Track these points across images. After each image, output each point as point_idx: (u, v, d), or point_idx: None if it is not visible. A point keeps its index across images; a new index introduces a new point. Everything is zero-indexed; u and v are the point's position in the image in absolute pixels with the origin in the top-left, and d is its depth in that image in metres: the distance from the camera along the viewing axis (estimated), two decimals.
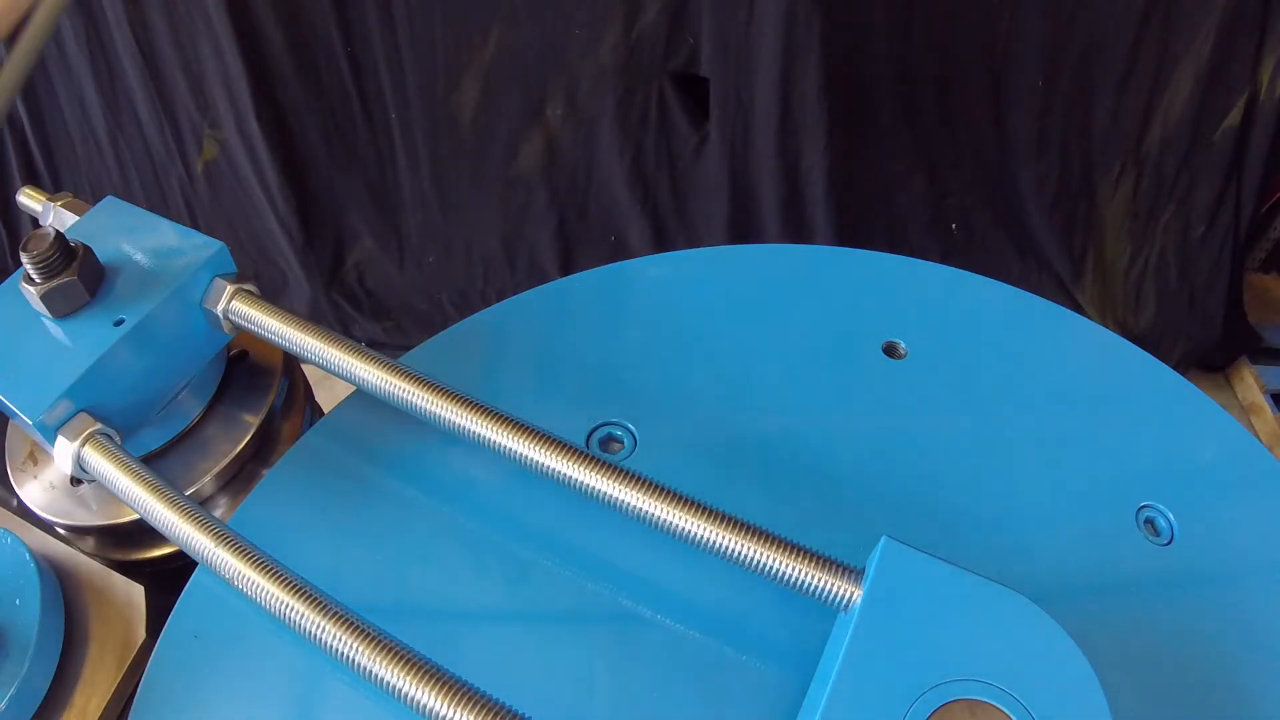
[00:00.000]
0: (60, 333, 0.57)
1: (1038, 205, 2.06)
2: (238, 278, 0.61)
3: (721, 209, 2.06)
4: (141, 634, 0.51)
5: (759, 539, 0.44)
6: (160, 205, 2.18)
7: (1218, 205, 1.99)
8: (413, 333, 2.25)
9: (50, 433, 0.53)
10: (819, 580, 0.42)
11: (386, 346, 2.31)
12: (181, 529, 0.48)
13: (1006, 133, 1.96)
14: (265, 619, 0.50)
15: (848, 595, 0.42)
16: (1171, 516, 0.54)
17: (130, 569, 0.62)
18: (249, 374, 0.71)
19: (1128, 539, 0.53)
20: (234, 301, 0.60)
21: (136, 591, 0.53)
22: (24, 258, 0.55)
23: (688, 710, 0.46)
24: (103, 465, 0.52)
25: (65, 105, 2.02)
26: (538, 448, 0.49)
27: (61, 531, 0.63)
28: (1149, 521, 0.54)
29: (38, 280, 0.56)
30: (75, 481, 0.64)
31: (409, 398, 0.53)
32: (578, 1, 1.75)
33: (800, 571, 0.43)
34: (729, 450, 0.57)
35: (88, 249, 0.58)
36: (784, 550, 0.43)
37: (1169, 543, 0.53)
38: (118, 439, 0.54)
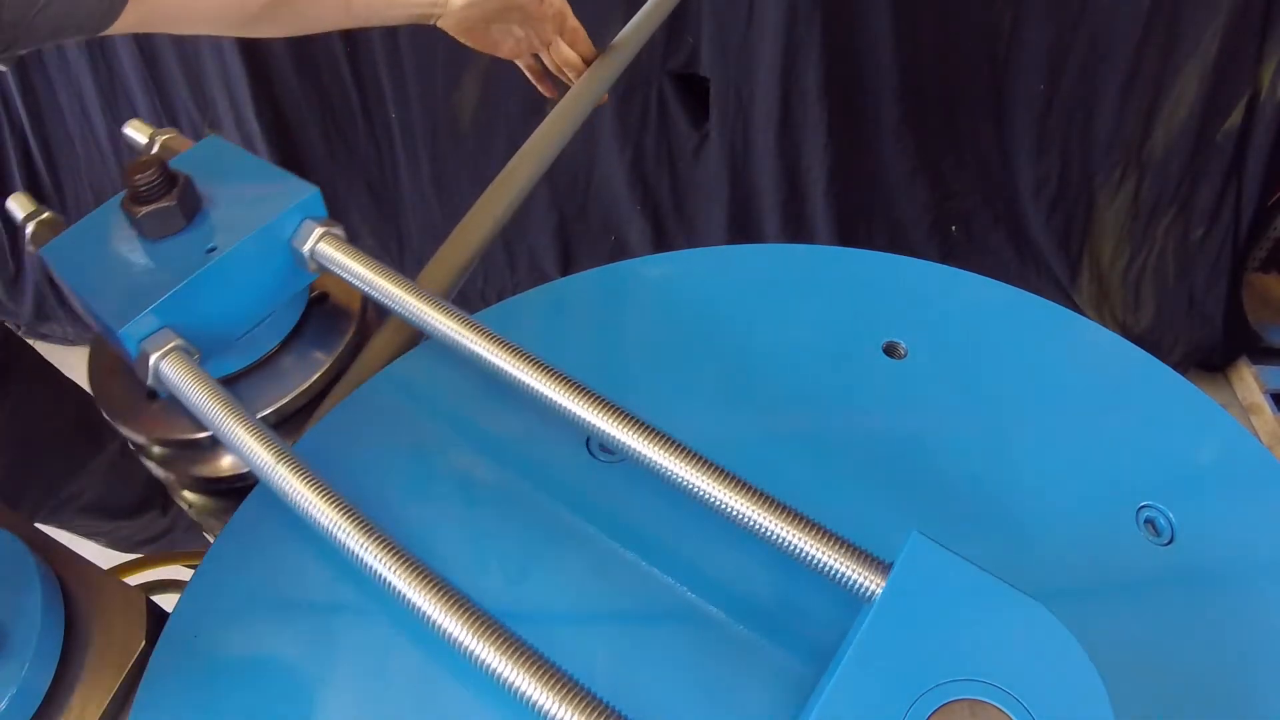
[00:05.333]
0: (154, 254, 0.61)
1: (1038, 207, 2.06)
2: (327, 222, 0.65)
3: (721, 209, 2.05)
4: (141, 639, 0.51)
5: (797, 520, 0.45)
6: None
7: (1218, 205, 1.99)
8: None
9: (133, 344, 0.57)
10: (847, 568, 0.43)
11: None
12: (246, 443, 0.51)
13: (1008, 134, 1.96)
14: (266, 618, 0.50)
15: (873, 587, 0.42)
16: (1171, 516, 0.54)
17: (201, 486, 0.70)
18: (328, 315, 0.74)
19: (1128, 539, 0.53)
20: (320, 243, 0.63)
21: (137, 597, 0.53)
22: (129, 180, 0.59)
23: (707, 692, 0.46)
24: (179, 379, 0.56)
25: (65, 105, 2.02)
26: (605, 417, 0.50)
27: (143, 443, 0.68)
28: (1149, 521, 0.54)
29: (138, 203, 0.60)
30: (151, 396, 0.68)
31: (482, 353, 0.55)
32: (578, 1, 1.75)
33: (831, 557, 0.43)
34: (729, 450, 0.57)
35: (188, 178, 0.62)
36: (819, 535, 0.44)
37: (1169, 543, 0.53)
38: (195, 357, 0.58)
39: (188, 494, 0.75)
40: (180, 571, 1.11)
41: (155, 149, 0.72)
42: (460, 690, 0.47)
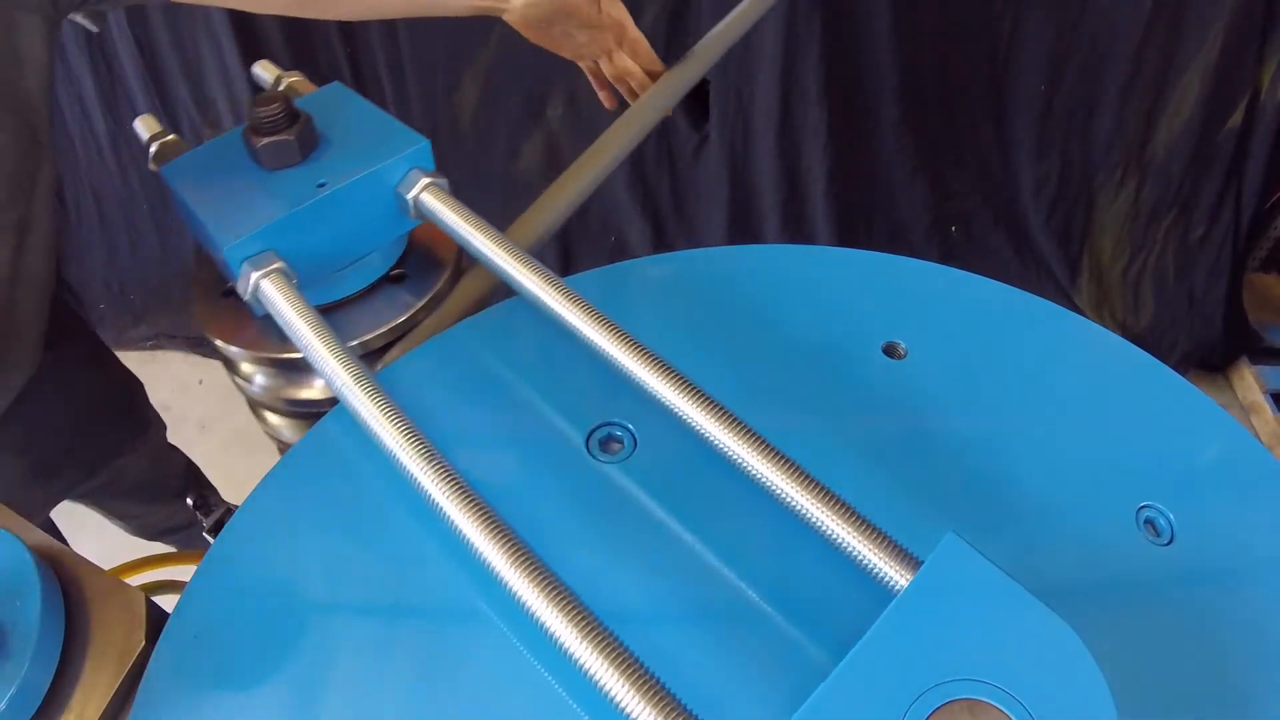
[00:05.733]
0: (267, 183, 0.65)
1: (1038, 207, 2.07)
2: (432, 174, 0.68)
3: (721, 209, 2.05)
4: (141, 639, 0.51)
5: (842, 508, 0.45)
6: (160, 205, 2.18)
7: (1218, 205, 1.99)
8: None
9: (237, 262, 0.61)
10: (878, 559, 0.43)
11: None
12: (330, 365, 0.54)
13: (1008, 134, 1.96)
14: (266, 618, 0.50)
15: (900, 581, 0.42)
16: (1171, 516, 0.54)
17: (283, 407, 0.75)
18: (423, 263, 0.78)
19: (1128, 539, 0.53)
20: (424, 192, 0.67)
21: (137, 597, 0.53)
22: (254, 111, 0.64)
23: (707, 691, 0.46)
24: (276, 299, 0.60)
25: (65, 105, 2.02)
26: (669, 386, 0.52)
27: (234, 357, 0.73)
28: (1149, 521, 0.54)
29: (259, 134, 0.65)
30: (228, 294, 0.75)
31: (565, 315, 0.57)
32: None
33: (866, 548, 0.44)
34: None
35: (309, 117, 0.67)
36: (856, 522, 0.45)
37: (1169, 543, 0.53)
38: (293, 282, 0.61)
39: (270, 415, 0.80)
40: (180, 571, 1.11)
41: (281, 89, 0.76)
42: (461, 691, 0.47)
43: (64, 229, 2.23)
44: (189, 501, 1.08)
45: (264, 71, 0.81)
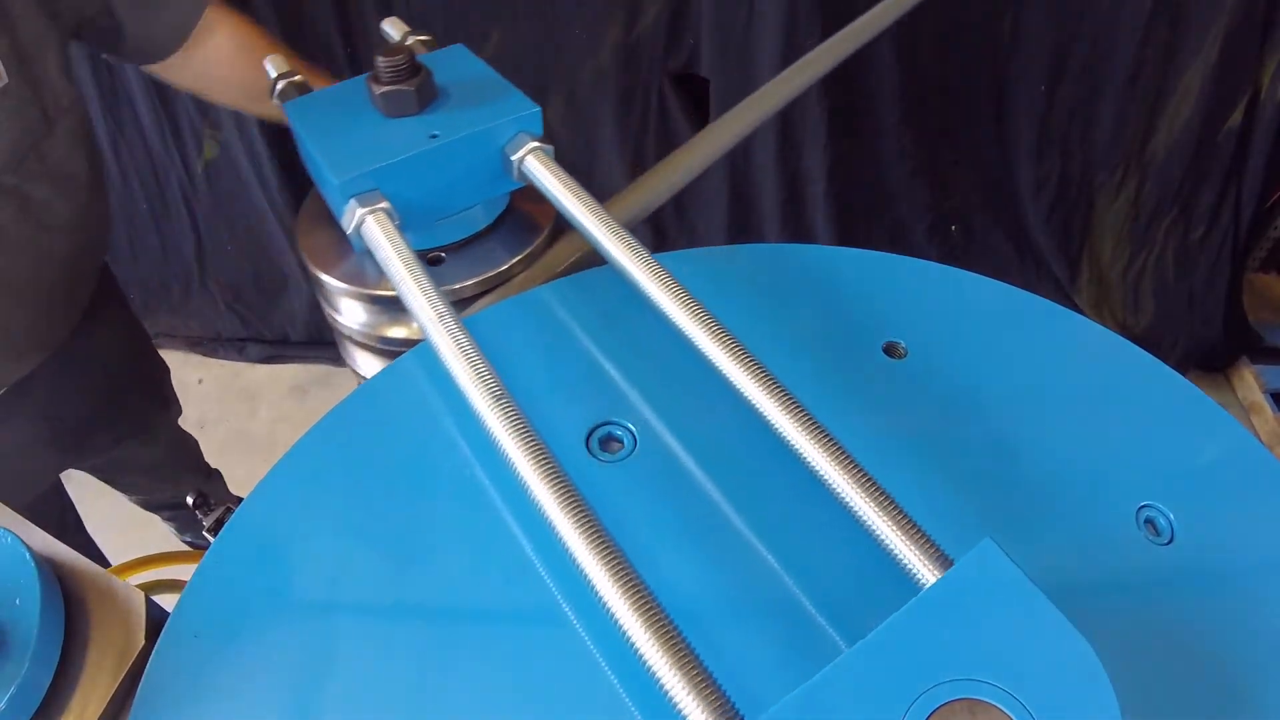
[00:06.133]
0: (383, 129, 0.69)
1: (1038, 207, 2.07)
2: (540, 140, 0.71)
3: (721, 209, 2.06)
4: (141, 639, 0.51)
5: (883, 498, 0.46)
6: (160, 205, 2.18)
7: (1218, 205, 1.99)
8: None
9: (345, 197, 0.65)
10: (910, 553, 0.43)
11: None
12: (420, 304, 0.57)
13: (1008, 135, 1.97)
14: (266, 617, 0.50)
15: (929, 578, 0.42)
16: (1171, 516, 0.54)
17: (371, 343, 0.78)
18: (521, 225, 0.81)
19: (1128, 539, 0.53)
20: (529, 156, 0.70)
21: (137, 597, 0.53)
22: (379, 60, 0.68)
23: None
24: (377, 236, 0.63)
25: None
26: (741, 371, 0.52)
27: (331, 287, 0.77)
28: (1149, 521, 0.54)
29: (382, 82, 0.68)
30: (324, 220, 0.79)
31: (650, 290, 0.58)
32: (578, 1, 1.75)
33: (902, 542, 0.44)
34: (729, 450, 0.57)
35: (429, 72, 0.71)
36: (894, 515, 0.45)
37: (1169, 543, 0.53)
38: (395, 223, 0.64)
39: (359, 354, 0.83)
40: (180, 571, 1.11)
41: (408, 44, 0.79)
42: (460, 693, 0.47)
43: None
44: (189, 500, 1.08)
45: (392, 29, 0.85)
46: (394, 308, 0.77)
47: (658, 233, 2.10)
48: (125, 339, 1.25)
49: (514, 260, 0.77)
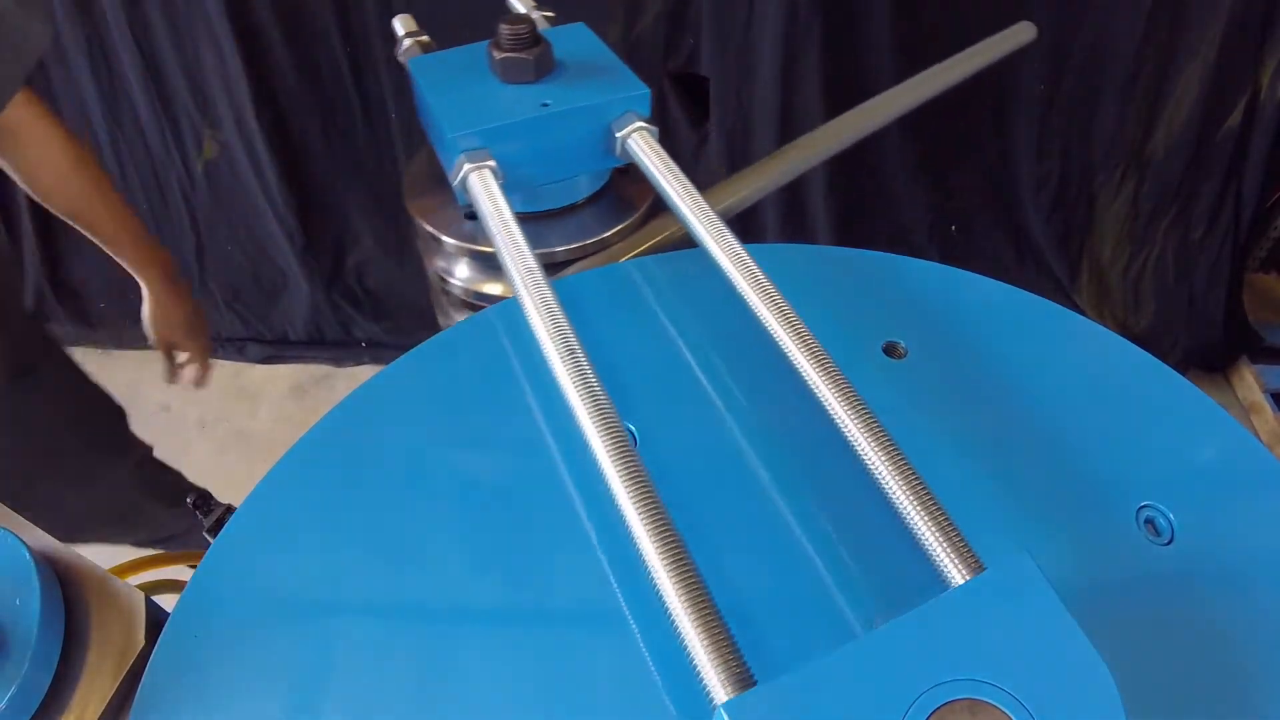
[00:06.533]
0: (499, 93, 0.73)
1: (1038, 207, 2.07)
2: (646, 120, 0.73)
3: None
4: (141, 640, 0.51)
5: (924, 494, 0.46)
6: (160, 205, 2.18)
7: (1218, 206, 1.99)
8: (413, 333, 2.25)
9: (455, 151, 0.68)
10: (943, 552, 0.44)
11: (387, 347, 2.31)
12: (512, 260, 0.60)
13: (1008, 135, 1.97)
14: (266, 618, 0.50)
15: (956, 578, 0.42)
16: (1171, 516, 0.54)
17: (461, 297, 0.83)
18: (620, 201, 0.84)
19: (1128, 539, 0.53)
20: (633, 135, 0.72)
21: (137, 596, 0.53)
22: (502, 27, 0.72)
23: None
24: (480, 192, 0.66)
25: (65, 105, 2.02)
26: (820, 371, 0.53)
27: (431, 236, 0.81)
28: (1149, 521, 0.54)
29: (503, 49, 0.72)
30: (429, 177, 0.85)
31: (736, 279, 0.60)
32: (577, 2, 1.75)
33: (938, 540, 0.44)
34: (729, 450, 0.57)
35: (549, 44, 0.74)
36: (937, 515, 0.45)
37: (1169, 543, 0.53)
38: (500, 182, 0.68)
39: (456, 314, 0.87)
40: (180, 571, 1.11)
41: (534, 17, 0.83)
42: (460, 694, 0.47)
43: (64, 229, 2.23)
44: (189, 501, 1.08)
45: (517, 2, 0.89)
46: (487, 264, 0.82)
47: None
48: (63, 398, 1.23)
49: (608, 233, 0.81)
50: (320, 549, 0.54)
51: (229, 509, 1.06)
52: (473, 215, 0.74)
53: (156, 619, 0.52)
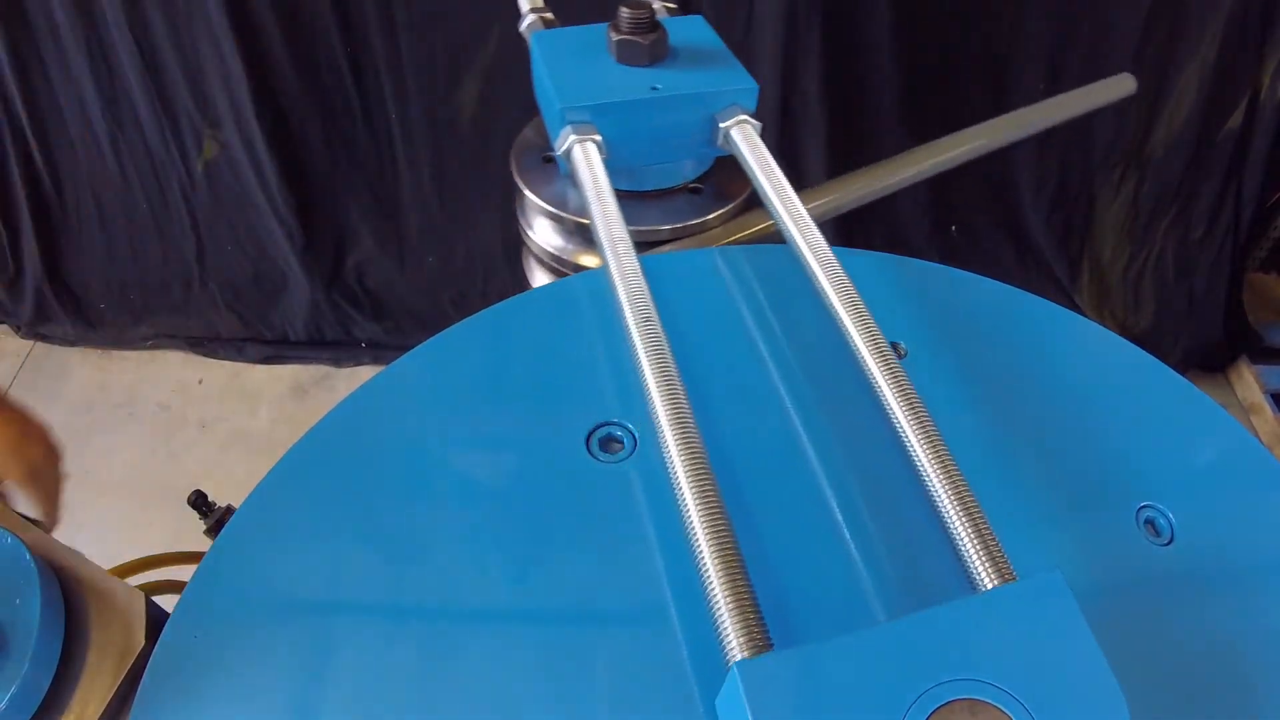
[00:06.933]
0: (613, 73, 0.76)
1: (1038, 207, 2.07)
2: (750, 115, 0.76)
3: None
4: (141, 639, 0.51)
5: (971, 502, 0.47)
6: (160, 205, 2.18)
7: (1218, 206, 1.99)
8: (413, 333, 2.25)
9: (563, 122, 0.71)
10: (978, 557, 0.44)
11: (387, 347, 2.31)
12: (604, 231, 0.62)
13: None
14: (266, 618, 0.50)
15: (987, 583, 0.43)
16: (1171, 516, 0.54)
17: (552, 265, 0.87)
18: (717, 191, 0.86)
19: (1128, 539, 0.53)
20: (735, 127, 0.75)
21: (137, 597, 0.53)
22: (622, 10, 0.75)
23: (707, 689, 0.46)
24: (581, 163, 0.69)
25: (65, 105, 2.02)
26: (886, 375, 0.54)
27: (534, 203, 0.85)
28: (1149, 521, 0.54)
29: (621, 31, 0.75)
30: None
31: (821, 283, 0.60)
32: (578, 1, 1.75)
33: (971, 540, 0.44)
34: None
35: (665, 32, 0.77)
36: (975, 518, 0.46)
37: (1169, 543, 0.53)
38: (603, 155, 0.70)
39: (539, 271, 0.91)
40: (180, 571, 1.11)
41: (655, 6, 0.86)
42: (460, 693, 0.47)
43: (64, 229, 2.23)
44: (188, 501, 1.08)
45: None
46: (581, 236, 0.85)
47: None
48: None
49: (701, 219, 0.83)
50: (320, 549, 0.54)
51: (229, 509, 1.05)
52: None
53: (156, 619, 0.52)
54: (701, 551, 0.43)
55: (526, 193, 0.85)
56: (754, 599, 0.41)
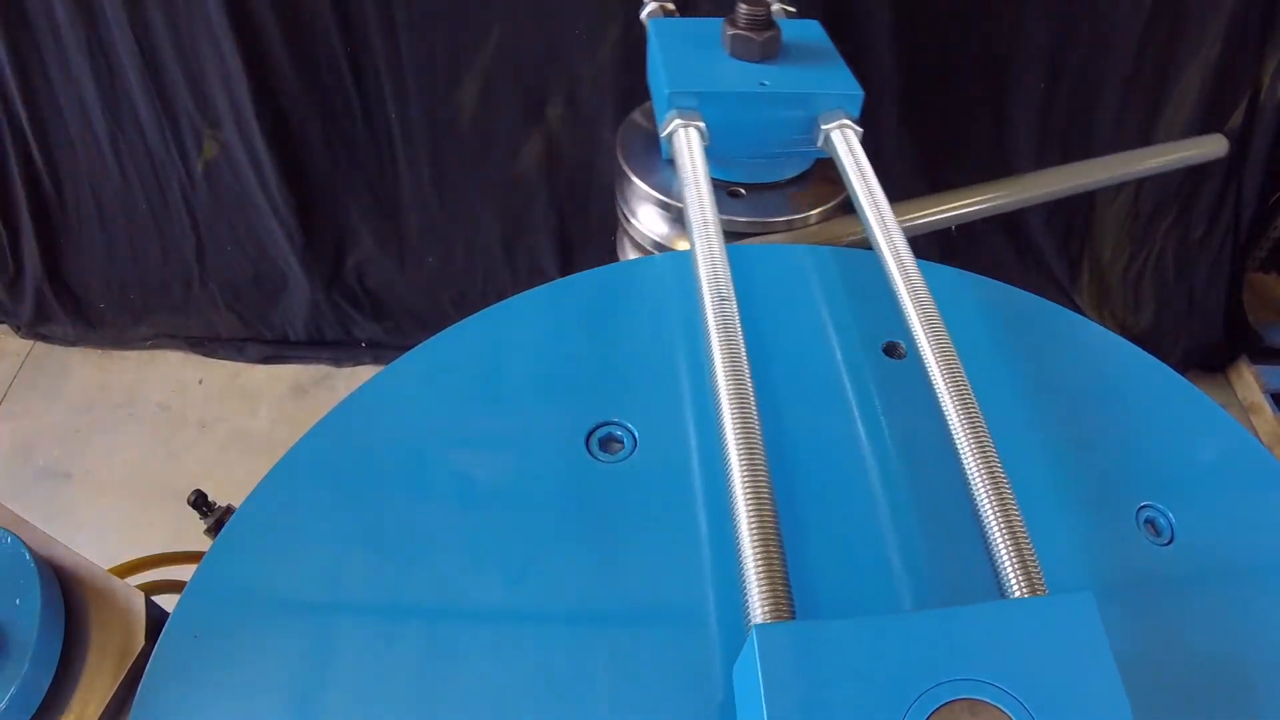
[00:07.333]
0: (724, 65, 0.79)
1: (1038, 207, 2.06)
2: (854, 120, 0.77)
3: None
4: (141, 640, 0.51)
5: (1010, 509, 0.47)
6: (160, 205, 2.18)
7: (1218, 206, 1.99)
8: (413, 333, 2.25)
9: (669, 106, 0.74)
10: (1011, 566, 0.44)
11: (387, 347, 2.31)
12: (694, 212, 0.64)
13: (1008, 134, 1.96)
14: (266, 618, 0.50)
15: (1016, 592, 0.43)
16: (1171, 516, 0.54)
17: (649, 246, 0.88)
18: (813, 191, 0.87)
19: (1128, 539, 0.53)
20: (836, 131, 0.76)
21: (137, 597, 0.53)
22: (740, 6, 0.77)
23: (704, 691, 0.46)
24: (682, 147, 0.71)
25: (65, 105, 2.02)
26: (951, 385, 0.54)
27: (639, 189, 0.86)
28: (1149, 521, 0.54)
29: (736, 26, 0.78)
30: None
31: (900, 294, 0.61)
32: (578, 1, 1.75)
33: (1012, 553, 0.45)
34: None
35: (779, 31, 0.79)
36: (1015, 529, 0.46)
37: (1169, 543, 0.53)
38: (704, 143, 0.72)
39: (633, 252, 0.93)
40: (180, 571, 1.11)
41: (774, 8, 0.87)
42: (460, 693, 0.47)
43: (64, 229, 2.23)
44: (188, 501, 1.08)
45: None
46: (678, 220, 0.85)
47: None
48: None
49: (793, 216, 0.84)
50: (320, 549, 0.54)
51: (229, 509, 1.05)
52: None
53: (156, 619, 0.52)
54: (739, 514, 0.45)
55: (634, 179, 0.86)
56: (784, 568, 0.42)
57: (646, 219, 0.88)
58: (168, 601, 0.54)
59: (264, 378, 2.34)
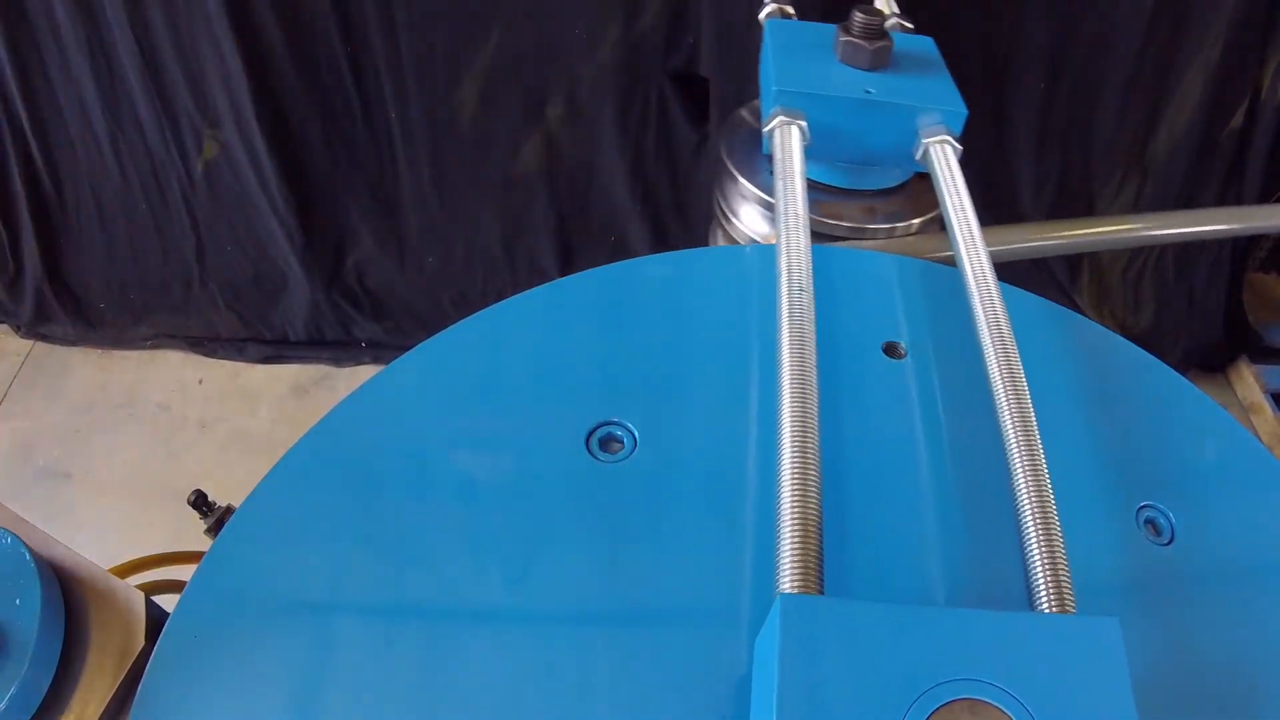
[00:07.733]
0: (833, 70, 0.81)
1: (1038, 207, 2.06)
2: (953, 137, 0.77)
3: None
4: (141, 640, 0.51)
5: (1052, 526, 0.47)
6: (160, 205, 2.18)
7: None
8: (413, 333, 2.25)
9: (774, 103, 0.76)
10: (1044, 581, 0.44)
11: (387, 347, 2.31)
12: (785, 205, 0.65)
13: (1008, 135, 1.96)
14: (266, 618, 0.50)
15: (1045, 606, 0.43)
16: (1171, 516, 0.54)
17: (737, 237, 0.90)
18: (908, 204, 0.89)
19: (1128, 539, 0.53)
20: (935, 146, 0.76)
21: (137, 597, 0.53)
22: (856, 14, 0.79)
23: (705, 692, 0.46)
24: (781, 142, 0.73)
25: (65, 105, 2.02)
26: (1011, 396, 0.54)
27: (737, 184, 0.89)
28: (1149, 521, 0.54)
29: (850, 33, 0.80)
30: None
31: (978, 315, 0.61)
32: (578, 1, 1.75)
33: (1046, 568, 0.45)
34: (729, 450, 0.57)
35: (891, 42, 0.80)
36: (1054, 546, 0.46)
37: (1169, 543, 0.53)
38: (804, 142, 0.74)
39: (723, 241, 0.94)
40: (180, 571, 1.11)
41: (889, 22, 0.90)
42: (459, 693, 0.47)
43: (64, 229, 2.23)
44: (188, 501, 1.08)
45: (881, 3, 0.98)
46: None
47: (657, 228, 2.10)
48: None
49: (881, 226, 0.86)
50: (320, 549, 0.54)
51: (229, 509, 1.05)
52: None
53: (156, 619, 0.52)
54: (784, 484, 0.45)
55: (739, 179, 0.87)
56: (819, 544, 0.43)
57: (748, 218, 0.89)
58: (168, 601, 0.54)
59: (264, 378, 2.34)
